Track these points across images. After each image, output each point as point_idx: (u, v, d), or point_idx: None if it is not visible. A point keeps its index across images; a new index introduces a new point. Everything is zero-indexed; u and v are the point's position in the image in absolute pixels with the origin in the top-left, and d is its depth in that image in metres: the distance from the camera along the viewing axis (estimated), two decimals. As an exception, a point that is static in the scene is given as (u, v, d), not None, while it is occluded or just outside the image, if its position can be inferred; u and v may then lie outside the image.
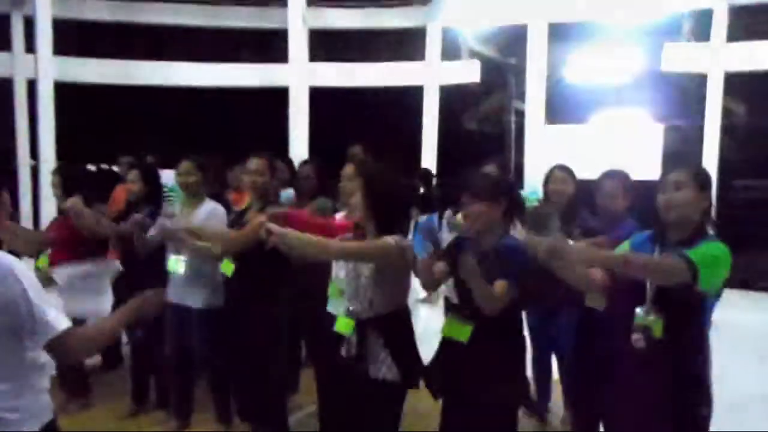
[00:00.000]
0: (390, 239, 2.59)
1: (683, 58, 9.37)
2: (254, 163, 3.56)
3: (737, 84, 9.67)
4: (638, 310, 2.34)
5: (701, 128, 9.39)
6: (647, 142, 9.80)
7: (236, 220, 3.72)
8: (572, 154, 8.15)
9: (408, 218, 2.85)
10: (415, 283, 2.92)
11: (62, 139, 9.25)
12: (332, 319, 3.05)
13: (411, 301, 2.97)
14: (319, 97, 10.20)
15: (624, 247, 2.54)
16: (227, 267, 3.56)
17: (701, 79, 9.41)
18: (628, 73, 10.46)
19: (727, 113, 9.72)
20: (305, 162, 4.57)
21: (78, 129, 9.89)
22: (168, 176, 5.89)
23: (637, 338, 2.32)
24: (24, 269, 1.84)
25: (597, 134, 9.88)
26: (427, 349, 2.86)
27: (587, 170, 4.25)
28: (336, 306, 3.13)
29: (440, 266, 2.60)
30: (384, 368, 2.68)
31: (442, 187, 7.33)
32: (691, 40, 9.60)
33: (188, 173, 3.83)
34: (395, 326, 2.76)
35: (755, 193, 11.51)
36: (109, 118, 10.76)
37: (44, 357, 1.92)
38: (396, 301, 2.76)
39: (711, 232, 2.41)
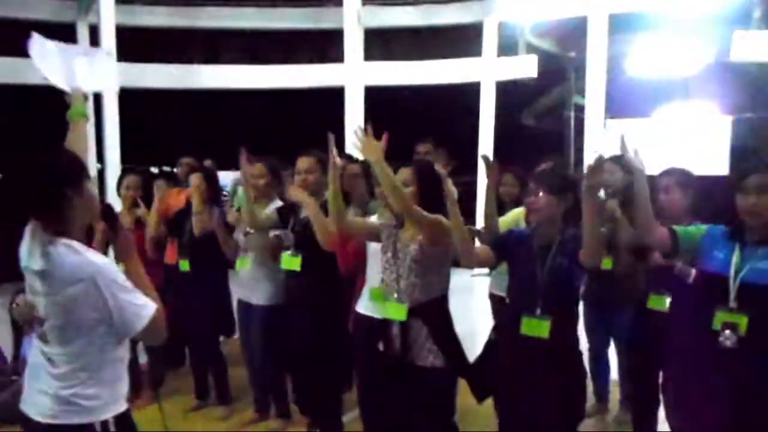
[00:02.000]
0: (441, 216, 2.69)
1: (754, 46, 8.96)
2: (303, 161, 3.63)
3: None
4: (720, 309, 2.30)
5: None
6: (714, 136, 9.47)
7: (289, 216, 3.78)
8: (635, 149, 7.89)
9: None
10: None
11: (125, 144, 9.49)
12: (367, 320, 3.14)
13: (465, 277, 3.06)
14: (375, 96, 10.17)
15: (695, 233, 2.48)
16: (292, 262, 3.62)
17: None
18: (693, 64, 10.08)
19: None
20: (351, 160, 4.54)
21: (140, 133, 10.12)
22: (224, 177, 5.89)
23: (726, 337, 2.28)
24: (112, 267, 1.91)
25: (661, 129, 9.56)
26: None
27: (651, 166, 4.15)
28: (372, 309, 3.14)
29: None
30: (431, 356, 2.76)
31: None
32: (762, 28, 9.17)
33: (260, 175, 3.94)
34: (437, 314, 2.84)
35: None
36: (169, 122, 11.00)
37: (122, 348, 2.01)
38: (437, 289, 2.84)
39: None
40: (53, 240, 1.89)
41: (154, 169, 8.42)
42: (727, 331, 2.28)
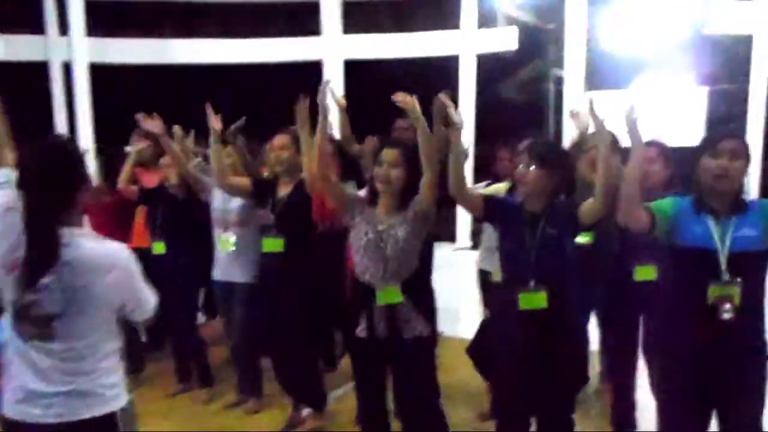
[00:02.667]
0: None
1: (727, 18, 8.98)
2: (278, 138, 3.69)
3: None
4: (714, 283, 2.31)
5: (746, 91, 9.07)
6: (691, 107, 9.50)
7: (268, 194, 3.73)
8: (614, 120, 7.89)
9: None
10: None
11: (98, 121, 9.30)
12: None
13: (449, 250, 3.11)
14: (354, 69, 10.04)
15: (665, 208, 2.47)
16: (275, 244, 3.60)
17: (747, 40, 9.05)
18: (670, 36, 10.08)
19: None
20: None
21: (113, 110, 9.94)
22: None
23: (725, 310, 2.30)
24: (130, 256, 1.97)
25: (639, 100, 9.53)
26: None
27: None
28: None
29: None
30: (419, 327, 2.84)
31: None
32: (737, -1, 9.20)
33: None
34: (421, 284, 2.95)
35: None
36: (141, 98, 10.75)
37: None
38: (417, 261, 2.89)
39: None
40: (71, 230, 1.85)
41: (129, 148, 8.30)
42: (727, 305, 2.29)
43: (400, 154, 2.85)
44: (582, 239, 3.17)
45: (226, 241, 3.94)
